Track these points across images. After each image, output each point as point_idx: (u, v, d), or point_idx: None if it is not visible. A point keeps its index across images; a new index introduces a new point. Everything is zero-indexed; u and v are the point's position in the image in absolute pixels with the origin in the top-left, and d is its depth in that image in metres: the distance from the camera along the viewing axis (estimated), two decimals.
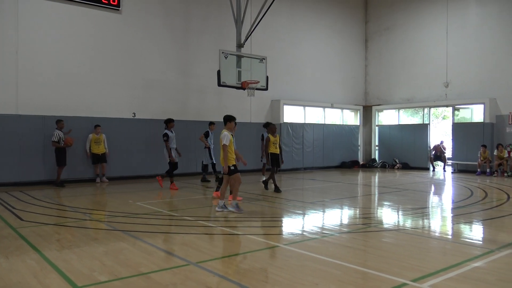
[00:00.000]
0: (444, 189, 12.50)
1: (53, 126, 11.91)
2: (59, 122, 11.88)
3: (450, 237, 6.26)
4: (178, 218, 7.49)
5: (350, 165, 19.50)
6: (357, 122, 21.15)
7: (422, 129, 18.80)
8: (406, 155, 19.06)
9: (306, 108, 18.84)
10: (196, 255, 4.99)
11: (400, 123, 20.19)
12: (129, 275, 4.27)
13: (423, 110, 19.37)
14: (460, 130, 17.37)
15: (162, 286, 3.96)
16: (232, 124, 8.10)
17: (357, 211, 8.40)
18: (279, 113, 17.38)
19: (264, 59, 13.99)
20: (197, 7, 15.55)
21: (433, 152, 18.19)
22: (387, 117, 21.06)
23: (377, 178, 15.42)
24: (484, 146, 15.89)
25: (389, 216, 7.89)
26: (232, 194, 7.98)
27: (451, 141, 17.67)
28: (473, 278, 4.16)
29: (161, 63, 14.70)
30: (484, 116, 16.63)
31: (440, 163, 18.30)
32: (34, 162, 12.09)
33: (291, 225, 7.19)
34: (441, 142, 18.25)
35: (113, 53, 13.71)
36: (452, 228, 6.89)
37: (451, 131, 17.75)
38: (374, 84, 21.16)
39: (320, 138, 18.86)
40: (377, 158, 20.55)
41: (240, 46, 13.89)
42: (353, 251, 5.29)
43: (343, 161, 19.62)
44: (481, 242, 5.89)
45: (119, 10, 13.70)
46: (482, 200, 9.55)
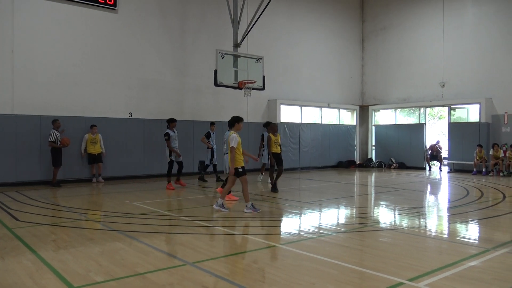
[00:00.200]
0: (440, 188, 12.54)
1: (49, 126, 11.86)
2: (55, 121, 11.83)
3: (446, 236, 6.28)
4: (175, 218, 7.48)
5: (346, 165, 19.54)
6: (354, 122, 21.20)
7: (419, 129, 18.86)
8: (402, 155, 19.11)
9: (303, 108, 18.86)
10: (193, 255, 4.98)
11: (397, 123, 20.24)
12: (125, 275, 4.25)
13: (420, 110, 19.43)
14: (456, 130, 17.43)
15: (159, 286, 3.95)
16: (240, 125, 8.02)
17: (354, 211, 8.41)
18: (276, 113, 17.37)
19: (260, 59, 13.99)
20: (194, 7, 15.53)
21: (430, 152, 18.26)
22: (384, 117, 21.12)
23: (373, 177, 15.45)
24: (480, 145, 15.95)
25: (385, 215, 7.90)
26: (244, 196, 7.88)
27: (447, 140, 17.74)
28: (469, 277, 4.18)
29: (157, 63, 14.67)
30: (480, 116, 16.70)
31: (436, 162, 18.39)
32: (30, 162, 12.03)
33: (288, 224, 7.20)
34: (437, 142, 18.33)
35: (109, 53, 13.67)
36: (448, 227, 6.91)
37: (447, 131, 17.82)
38: (371, 84, 21.20)
39: (317, 138, 18.88)
40: (373, 158, 20.60)
41: (236, 45, 13.88)
42: (350, 251, 5.30)
43: (339, 161, 19.66)
44: (477, 241, 5.91)
45: (115, 9, 13.66)
46: (478, 199, 9.60)
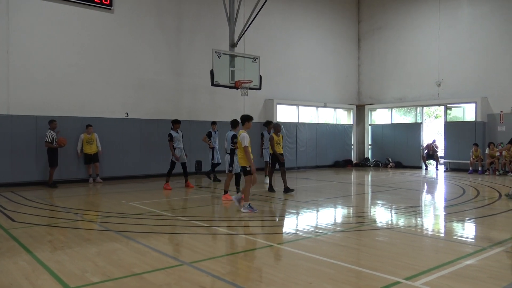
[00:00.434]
0: (437, 187, 12.58)
1: (45, 127, 11.81)
2: (52, 122, 11.78)
3: (442, 235, 6.30)
4: (171, 218, 7.46)
5: (343, 164, 19.57)
6: (350, 121, 21.23)
7: (415, 128, 18.91)
8: (399, 154, 19.16)
9: (300, 107, 18.87)
10: (190, 255, 4.97)
11: (393, 122, 20.29)
12: (122, 275, 4.24)
13: (416, 109, 19.49)
14: (452, 129, 17.49)
15: (156, 286, 3.94)
16: (250, 124, 7.88)
17: (351, 210, 8.43)
18: (273, 113, 17.38)
19: (257, 58, 14.00)
20: (190, 7, 15.50)
21: (426, 151, 18.32)
22: (380, 116, 21.17)
23: (370, 177, 15.48)
24: (476, 144, 16.01)
25: (382, 214, 7.92)
26: (244, 196, 7.76)
27: (443, 140, 17.80)
28: (465, 275, 4.19)
29: (154, 63, 14.63)
30: (476, 115, 16.77)
31: (432, 161, 18.45)
32: (26, 162, 11.98)
33: (285, 224, 7.20)
34: (434, 141, 18.39)
35: (106, 53, 13.63)
36: (445, 226, 6.94)
37: (443, 130, 17.88)
38: (367, 84, 21.24)
39: (314, 137, 18.90)
40: (370, 157, 20.63)
41: (233, 45, 13.87)
42: (347, 250, 5.31)
43: (336, 160, 19.68)
44: (473, 240, 5.93)
45: (111, 9, 13.62)
46: (474, 198, 9.63)
